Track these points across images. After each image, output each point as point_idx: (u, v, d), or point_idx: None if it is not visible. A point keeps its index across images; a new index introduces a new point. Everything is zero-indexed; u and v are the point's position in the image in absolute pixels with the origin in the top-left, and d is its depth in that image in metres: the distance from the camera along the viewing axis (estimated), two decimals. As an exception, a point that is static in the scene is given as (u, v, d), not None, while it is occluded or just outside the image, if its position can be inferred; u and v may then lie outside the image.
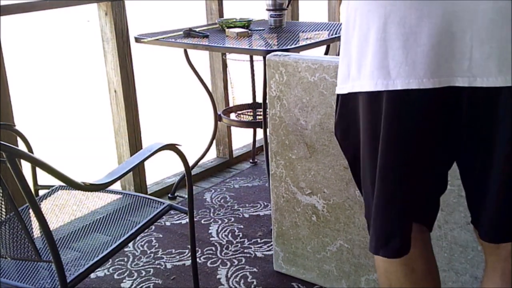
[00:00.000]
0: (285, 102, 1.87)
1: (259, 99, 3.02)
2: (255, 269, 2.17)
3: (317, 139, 1.84)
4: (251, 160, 3.30)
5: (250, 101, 3.11)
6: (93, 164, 4.09)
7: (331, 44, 2.64)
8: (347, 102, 1.21)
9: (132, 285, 2.11)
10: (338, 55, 1.28)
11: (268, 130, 1.95)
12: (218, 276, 2.14)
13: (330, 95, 1.77)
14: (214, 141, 3.10)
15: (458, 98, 1.07)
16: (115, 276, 2.17)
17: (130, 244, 2.38)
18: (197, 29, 2.60)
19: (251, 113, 3.09)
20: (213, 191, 2.91)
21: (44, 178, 1.59)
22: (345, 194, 1.84)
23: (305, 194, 1.94)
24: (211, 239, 2.42)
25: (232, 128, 3.22)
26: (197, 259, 2.19)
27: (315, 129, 1.84)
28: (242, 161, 3.30)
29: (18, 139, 1.86)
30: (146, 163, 2.46)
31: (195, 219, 2.51)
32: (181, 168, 1.94)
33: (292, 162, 1.93)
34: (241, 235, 2.43)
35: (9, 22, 3.36)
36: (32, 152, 1.80)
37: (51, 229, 1.34)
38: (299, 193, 1.96)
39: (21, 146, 1.79)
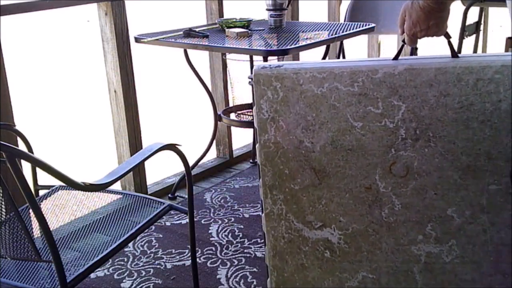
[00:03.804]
0: (282, 123, 1.55)
1: (259, 99, 3.01)
2: (255, 269, 2.17)
3: (329, 161, 1.56)
4: (251, 160, 3.30)
5: (250, 101, 3.11)
6: (93, 164, 4.09)
7: (331, 44, 2.64)
8: None
9: (132, 285, 2.11)
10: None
11: (258, 161, 1.60)
12: (218, 276, 2.14)
13: (344, 107, 1.49)
14: (214, 141, 3.10)
15: None
16: (115, 276, 2.17)
17: (130, 244, 2.38)
18: (197, 29, 2.60)
19: (251, 113, 3.09)
20: (213, 191, 2.91)
21: (44, 178, 1.59)
22: (368, 218, 1.60)
23: (314, 228, 1.67)
24: (211, 239, 2.42)
25: (232, 128, 3.22)
26: (197, 259, 2.19)
27: (326, 150, 1.55)
28: (242, 161, 3.30)
29: (18, 139, 1.86)
30: (146, 163, 2.47)
31: (195, 219, 2.51)
32: (181, 168, 1.94)
33: (295, 194, 1.62)
34: (241, 235, 2.43)
35: (9, 22, 3.36)
36: (32, 152, 1.80)
37: (51, 229, 1.34)
38: (306, 229, 1.68)
39: (21, 146, 1.79)
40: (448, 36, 1.43)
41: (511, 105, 1.42)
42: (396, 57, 1.49)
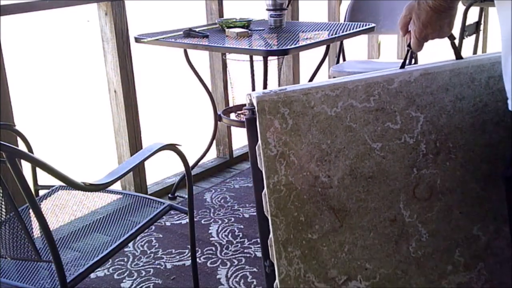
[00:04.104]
0: (293, 158, 1.31)
1: (259, 99, 3.01)
2: (255, 269, 2.17)
3: (349, 196, 1.36)
4: (251, 160, 3.30)
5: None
6: (93, 164, 4.09)
7: (331, 44, 2.64)
8: None
9: (132, 285, 2.11)
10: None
11: (268, 211, 1.33)
12: (218, 276, 2.14)
13: (361, 127, 1.33)
14: (214, 141, 3.10)
15: None
16: (115, 276, 2.17)
17: (130, 244, 2.38)
18: (197, 29, 2.60)
19: (251, 113, 3.08)
20: (213, 191, 2.91)
21: (44, 178, 1.59)
22: (396, 258, 1.41)
23: (338, 285, 1.41)
24: (211, 239, 2.42)
25: (232, 128, 3.22)
26: (197, 259, 2.19)
27: (344, 182, 1.35)
28: (242, 161, 3.30)
29: (18, 139, 1.86)
30: (146, 163, 2.47)
31: (195, 219, 2.51)
32: (181, 168, 1.94)
33: (314, 246, 1.37)
34: (241, 235, 2.43)
35: (9, 22, 3.36)
36: (32, 152, 1.80)
37: (51, 229, 1.34)
38: None
39: (21, 146, 1.79)
40: (452, 38, 1.39)
41: None
42: (403, 65, 1.42)
